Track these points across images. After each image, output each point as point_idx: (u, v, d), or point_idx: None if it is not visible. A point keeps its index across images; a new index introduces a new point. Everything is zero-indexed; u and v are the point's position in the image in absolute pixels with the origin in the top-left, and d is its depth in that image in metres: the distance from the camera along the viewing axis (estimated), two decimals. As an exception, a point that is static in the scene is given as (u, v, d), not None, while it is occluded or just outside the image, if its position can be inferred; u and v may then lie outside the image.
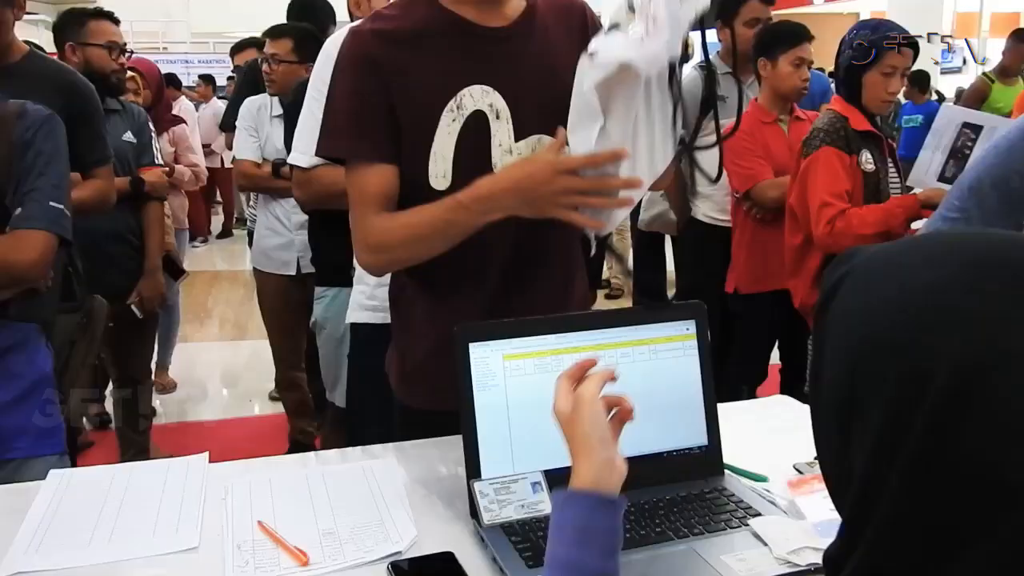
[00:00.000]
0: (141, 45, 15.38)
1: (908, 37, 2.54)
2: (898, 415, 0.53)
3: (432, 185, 1.38)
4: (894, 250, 0.61)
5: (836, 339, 0.61)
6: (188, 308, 6.21)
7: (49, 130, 1.68)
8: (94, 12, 3.02)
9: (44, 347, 1.73)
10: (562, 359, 1.24)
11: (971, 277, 0.54)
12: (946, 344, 0.52)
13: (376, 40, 1.36)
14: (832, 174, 2.50)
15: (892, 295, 0.57)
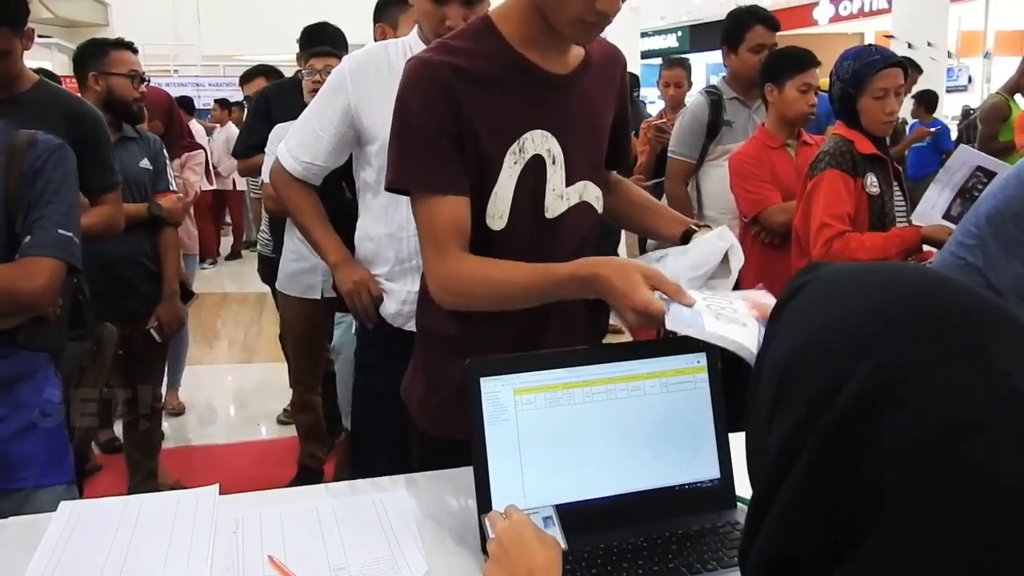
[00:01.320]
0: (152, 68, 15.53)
1: (891, 57, 2.55)
2: (811, 409, 0.59)
3: (488, 225, 1.40)
4: (853, 270, 0.66)
5: (780, 341, 0.66)
6: (197, 330, 6.23)
7: (59, 159, 1.70)
8: (115, 42, 3.07)
9: (52, 375, 1.73)
10: (573, 393, 1.24)
11: (905, 305, 0.59)
12: (861, 365, 0.57)
13: (451, 73, 1.34)
14: (835, 195, 2.50)
15: (832, 307, 0.63)
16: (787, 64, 2.98)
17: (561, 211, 1.45)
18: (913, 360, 0.56)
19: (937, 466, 0.54)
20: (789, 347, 0.64)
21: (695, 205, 3.54)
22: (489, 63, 1.37)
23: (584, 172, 1.47)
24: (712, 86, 3.55)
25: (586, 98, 1.47)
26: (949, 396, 0.55)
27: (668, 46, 19.58)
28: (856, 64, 2.54)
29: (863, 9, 15.40)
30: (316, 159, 2.07)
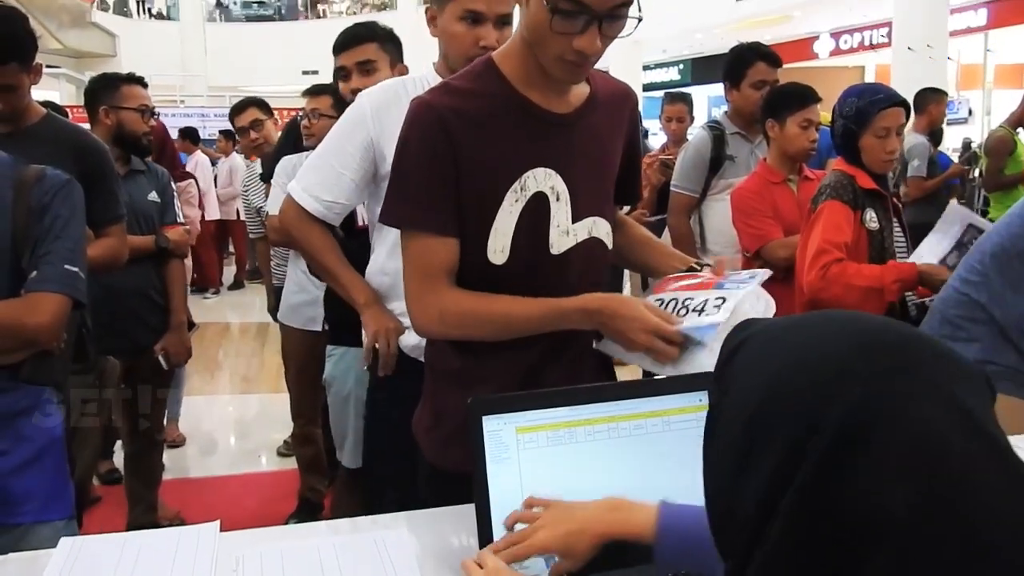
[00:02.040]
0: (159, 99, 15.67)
1: (895, 97, 2.56)
2: (789, 458, 0.59)
3: (490, 259, 1.43)
4: (792, 322, 0.69)
5: (735, 397, 0.66)
6: (198, 360, 6.21)
7: (67, 194, 1.71)
8: (127, 77, 3.11)
9: (55, 410, 1.73)
10: (575, 432, 1.24)
11: (859, 351, 0.62)
12: (836, 402, 0.59)
13: (450, 115, 1.37)
14: (834, 225, 2.50)
15: (787, 359, 0.64)
16: (788, 100, 3.00)
17: (567, 247, 1.47)
18: (881, 395, 0.59)
19: (922, 494, 0.56)
20: (750, 400, 0.64)
21: (698, 239, 3.56)
22: (490, 103, 1.40)
23: (592, 208, 1.49)
24: (714, 121, 3.58)
25: (592, 135, 1.48)
26: (923, 430, 0.57)
27: (670, 79, 19.74)
28: (860, 102, 2.55)
29: (863, 43, 15.51)
30: (338, 197, 1.98)
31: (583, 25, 1.29)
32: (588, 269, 1.51)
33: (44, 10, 17.01)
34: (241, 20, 23.62)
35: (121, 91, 3.03)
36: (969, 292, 2.11)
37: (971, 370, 0.63)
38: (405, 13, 19.79)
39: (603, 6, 1.27)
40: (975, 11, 13.27)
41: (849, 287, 2.42)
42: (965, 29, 13.31)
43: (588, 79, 1.50)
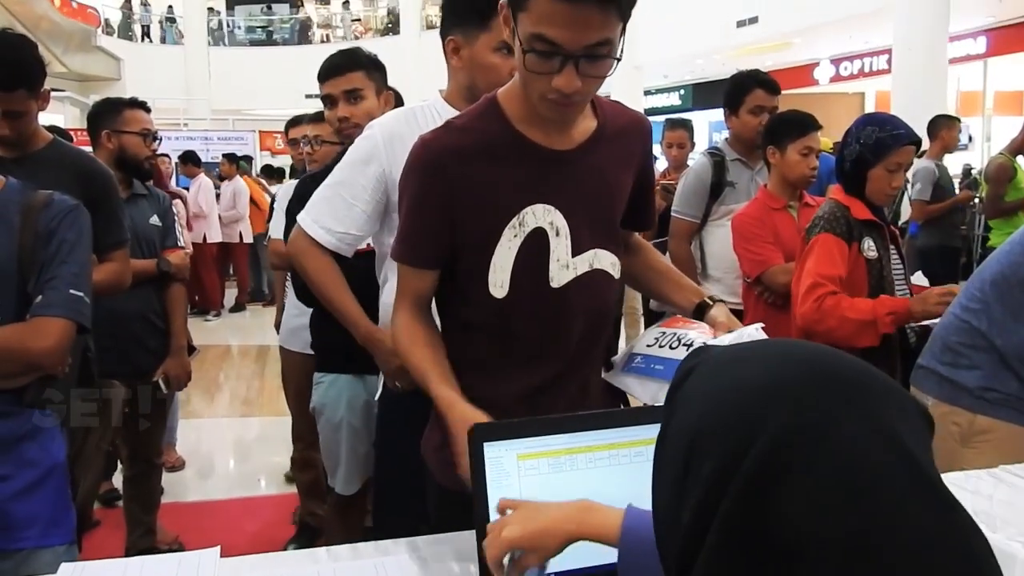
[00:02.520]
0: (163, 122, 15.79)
1: (913, 135, 2.58)
2: (720, 478, 0.61)
3: (491, 292, 1.46)
4: (740, 349, 0.72)
5: (680, 417, 0.69)
6: (199, 383, 6.23)
7: (74, 219, 1.72)
8: (129, 102, 3.13)
9: (59, 434, 1.74)
10: (576, 459, 1.24)
11: (798, 375, 0.64)
12: (764, 427, 0.61)
13: (448, 155, 1.42)
14: (828, 258, 2.50)
15: (729, 383, 0.66)
16: (789, 128, 3.02)
17: (567, 280, 1.48)
18: (811, 421, 0.60)
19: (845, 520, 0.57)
20: (692, 420, 0.67)
21: (698, 264, 3.57)
22: (489, 140, 1.43)
23: (594, 241, 1.51)
24: (715, 147, 3.60)
25: (596, 169, 1.50)
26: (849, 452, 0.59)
27: (671, 104, 19.85)
28: (881, 133, 2.54)
29: (863, 70, 15.61)
30: (350, 229, 1.96)
31: (559, 64, 1.29)
32: (591, 300, 1.53)
33: (50, 34, 17.17)
34: (245, 44, 23.79)
35: (123, 115, 3.05)
36: (970, 319, 2.12)
37: (907, 401, 0.65)
38: (408, 38, 19.97)
39: (578, 45, 1.27)
40: (974, 39, 13.37)
41: (843, 320, 2.42)
42: (964, 56, 13.40)
43: (597, 111, 1.51)
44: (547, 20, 1.25)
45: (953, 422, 2.10)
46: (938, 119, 6.53)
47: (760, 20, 13.04)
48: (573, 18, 1.24)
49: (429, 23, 20.75)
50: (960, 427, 2.10)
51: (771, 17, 12.77)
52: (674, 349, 1.57)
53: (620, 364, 1.68)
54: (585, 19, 1.25)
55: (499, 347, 1.51)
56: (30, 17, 16.85)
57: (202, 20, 21.94)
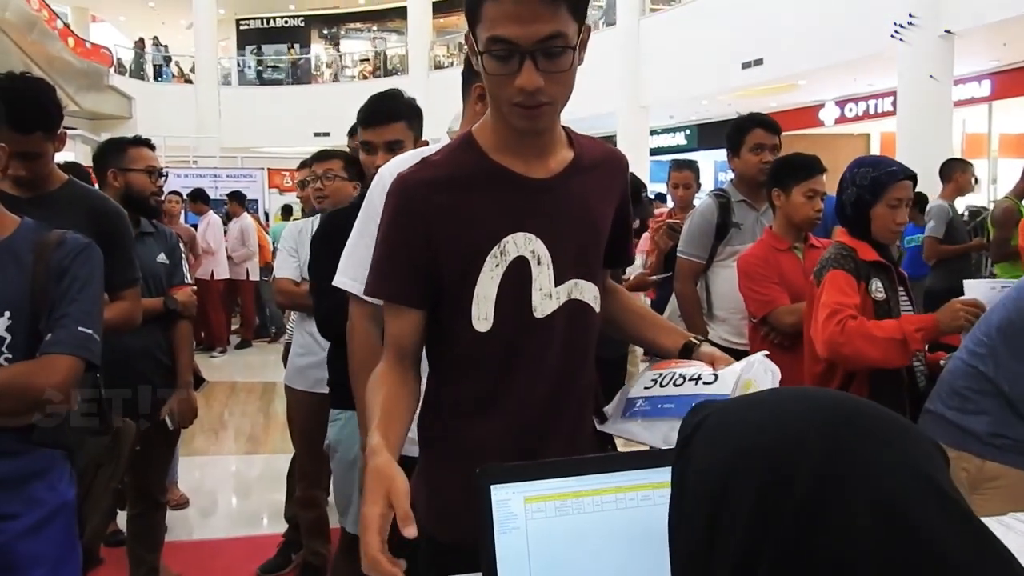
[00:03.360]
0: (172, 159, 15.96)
1: (908, 170, 2.60)
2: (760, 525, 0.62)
3: (475, 327, 1.45)
4: (748, 399, 0.72)
5: (700, 467, 0.69)
6: (204, 420, 6.20)
7: (86, 258, 1.74)
8: (133, 140, 3.16)
9: (67, 474, 1.74)
10: (582, 502, 1.24)
11: (822, 418, 0.65)
12: (801, 466, 0.62)
13: (425, 190, 1.42)
14: (841, 290, 2.49)
15: (752, 430, 0.67)
16: (794, 170, 3.05)
17: (551, 310, 1.47)
18: (845, 461, 0.62)
19: (889, 555, 0.59)
20: (716, 469, 0.67)
21: (704, 304, 3.58)
22: (466, 173, 1.44)
23: (577, 271, 1.50)
24: (720, 189, 3.64)
25: (575, 198, 1.49)
26: (886, 490, 0.61)
27: (676, 144, 19.97)
28: (875, 172, 2.57)
29: (868, 112, 15.71)
30: None
31: (518, 64, 1.31)
32: (574, 333, 1.52)
33: (63, 74, 17.41)
34: (255, 83, 24.09)
35: (128, 153, 3.08)
36: (977, 364, 2.12)
37: (923, 437, 0.67)
38: (416, 79, 20.18)
39: (530, 40, 1.30)
40: (979, 82, 13.46)
41: (871, 339, 2.37)
42: (969, 99, 13.49)
43: (573, 143, 1.52)
44: (499, 20, 1.30)
45: (962, 468, 2.09)
46: (952, 162, 6.60)
47: (765, 62, 13.16)
48: (520, 13, 1.29)
49: (436, 64, 21.01)
50: (969, 473, 2.09)
51: (776, 59, 12.90)
52: (679, 386, 1.52)
53: (617, 412, 1.62)
54: (532, 13, 1.29)
55: (484, 385, 1.49)
56: (44, 57, 17.12)
57: (213, 60, 22.24)
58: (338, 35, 26.68)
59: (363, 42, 26.48)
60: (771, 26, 12.75)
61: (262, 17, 25.89)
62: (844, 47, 11.51)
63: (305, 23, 26.13)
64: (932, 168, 6.74)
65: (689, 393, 1.49)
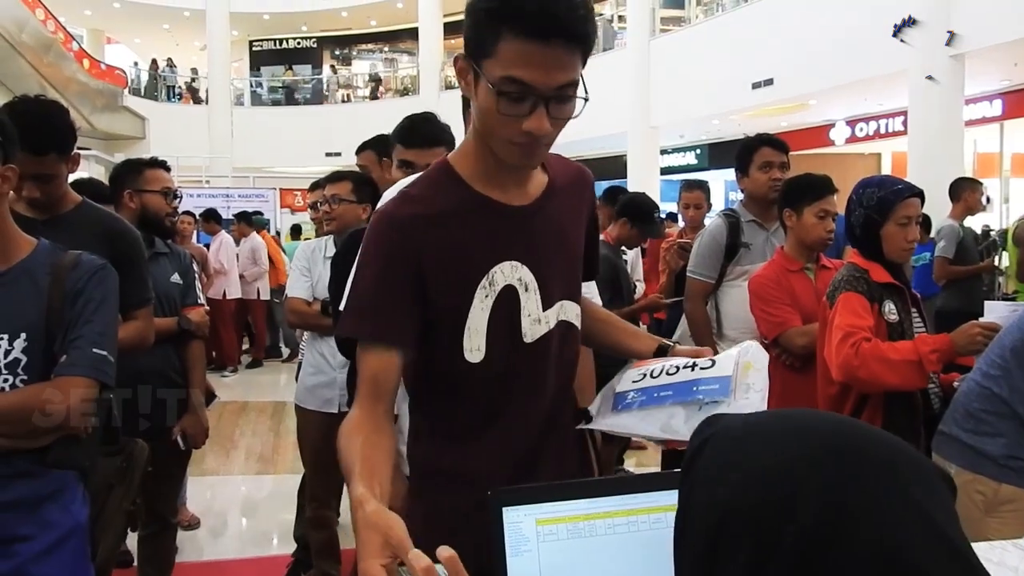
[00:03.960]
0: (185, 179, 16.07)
1: (914, 187, 2.60)
2: (758, 561, 0.62)
3: (467, 358, 1.43)
4: (754, 419, 0.72)
5: (703, 491, 0.69)
6: (215, 440, 6.20)
7: (101, 279, 1.76)
8: (150, 162, 3.19)
9: (80, 495, 1.74)
10: (595, 524, 1.23)
11: (823, 453, 0.64)
12: (799, 507, 0.62)
13: (409, 223, 1.39)
14: (854, 313, 2.48)
15: (752, 461, 0.67)
16: (805, 191, 3.05)
17: (540, 335, 1.48)
18: (843, 501, 0.62)
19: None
20: (718, 497, 0.67)
21: (714, 324, 3.58)
22: (448, 205, 1.42)
23: (561, 293, 1.51)
24: (730, 209, 3.65)
25: (554, 223, 1.50)
26: (885, 532, 0.60)
27: (687, 163, 19.99)
28: (881, 191, 2.57)
29: (879, 131, 15.69)
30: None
31: (530, 107, 1.30)
32: (562, 352, 1.53)
33: (78, 95, 17.62)
34: (267, 104, 24.28)
35: (144, 175, 3.11)
36: (991, 386, 2.11)
37: (929, 470, 0.66)
38: (427, 99, 20.30)
39: (548, 86, 1.28)
40: (990, 102, 13.44)
41: (886, 361, 2.36)
42: (981, 119, 13.47)
43: (544, 166, 1.52)
44: (518, 62, 1.27)
45: (977, 491, 2.08)
46: (961, 181, 6.58)
47: (775, 82, 13.18)
48: (544, 58, 1.27)
49: (448, 84, 21.13)
50: (984, 496, 2.07)
51: (786, 79, 12.91)
52: (673, 375, 1.49)
53: (605, 408, 1.59)
54: (556, 59, 1.27)
55: (480, 412, 1.48)
56: (60, 79, 17.33)
57: (226, 81, 22.45)
58: (350, 56, 26.89)
59: (375, 63, 26.68)
60: (781, 46, 12.77)
61: (275, 38, 26.12)
62: (854, 67, 11.51)
63: (317, 44, 26.34)
64: (944, 187, 6.74)
65: (687, 379, 1.48)
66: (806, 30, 12.26)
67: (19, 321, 1.66)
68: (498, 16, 1.27)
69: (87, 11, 22.38)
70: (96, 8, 22.17)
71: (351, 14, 23.70)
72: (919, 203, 2.60)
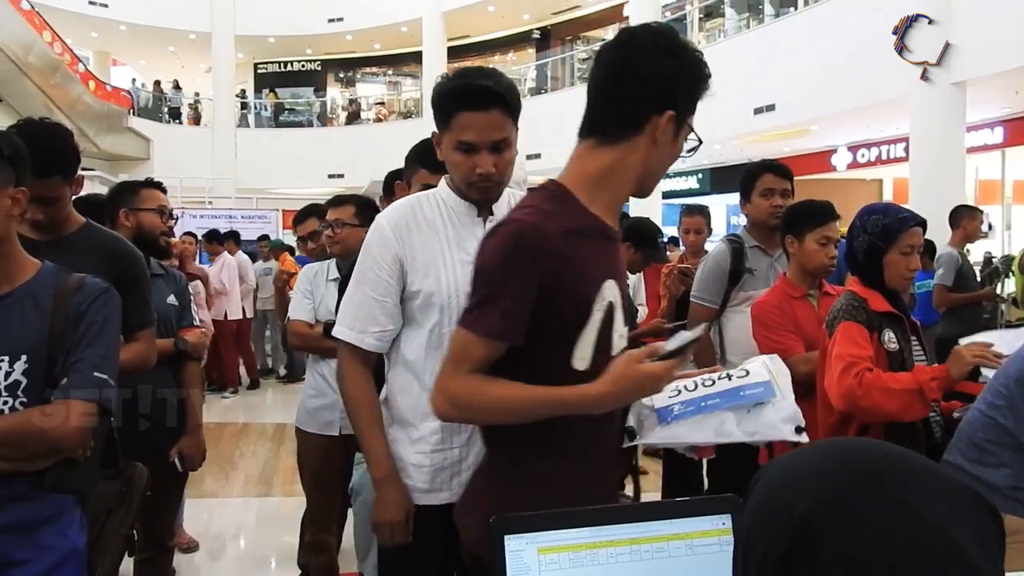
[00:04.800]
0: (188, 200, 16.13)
1: (918, 216, 2.60)
2: (764, 559, 0.70)
3: (574, 366, 1.56)
4: (799, 452, 0.79)
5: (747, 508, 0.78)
6: (214, 461, 6.20)
7: (104, 302, 1.76)
8: (145, 182, 3.21)
9: (78, 520, 1.73)
10: (597, 553, 1.22)
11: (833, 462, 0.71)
12: (796, 505, 0.69)
13: (549, 237, 1.52)
14: (854, 342, 2.48)
15: (777, 478, 0.75)
16: (806, 217, 3.05)
17: (621, 348, 1.61)
18: (838, 499, 0.68)
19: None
20: (748, 510, 0.77)
21: (717, 350, 3.56)
22: (576, 225, 1.56)
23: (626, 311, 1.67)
24: (734, 234, 3.65)
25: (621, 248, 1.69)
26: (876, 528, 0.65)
27: (688, 188, 20.03)
28: (886, 219, 2.57)
29: (880, 157, 15.72)
30: (388, 325, 2.00)
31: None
32: None
33: (83, 116, 17.71)
34: (270, 126, 24.40)
35: (140, 194, 3.11)
36: (995, 416, 2.10)
37: (950, 485, 0.70)
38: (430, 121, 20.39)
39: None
40: (991, 129, 13.48)
41: (889, 391, 2.36)
42: (982, 146, 13.50)
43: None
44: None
45: (982, 521, 2.06)
46: (960, 209, 6.60)
47: (777, 108, 13.23)
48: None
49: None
50: (989, 526, 2.05)
51: (788, 105, 12.96)
52: (710, 387, 1.72)
53: (650, 424, 1.75)
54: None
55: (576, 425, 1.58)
56: (65, 100, 17.43)
57: (230, 102, 22.57)
58: (354, 79, 27.04)
59: (378, 86, 26.82)
60: (782, 72, 12.84)
61: (280, 61, 26.28)
62: (856, 93, 11.56)
63: (322, 67, 26.49)
64: (946, 214, 6.75)
65: (729, 388, 1.70)
66: (807, 56, 12.32)
67: (20, 343, 1.66)
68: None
69: (94, 33, 22.55)
70: (103, 30, 22.33)
71: (355, 37, 23.85)
72: (922, 232, 2.60)
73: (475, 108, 1.85)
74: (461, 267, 1.91)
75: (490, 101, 1.86)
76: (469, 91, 1.86)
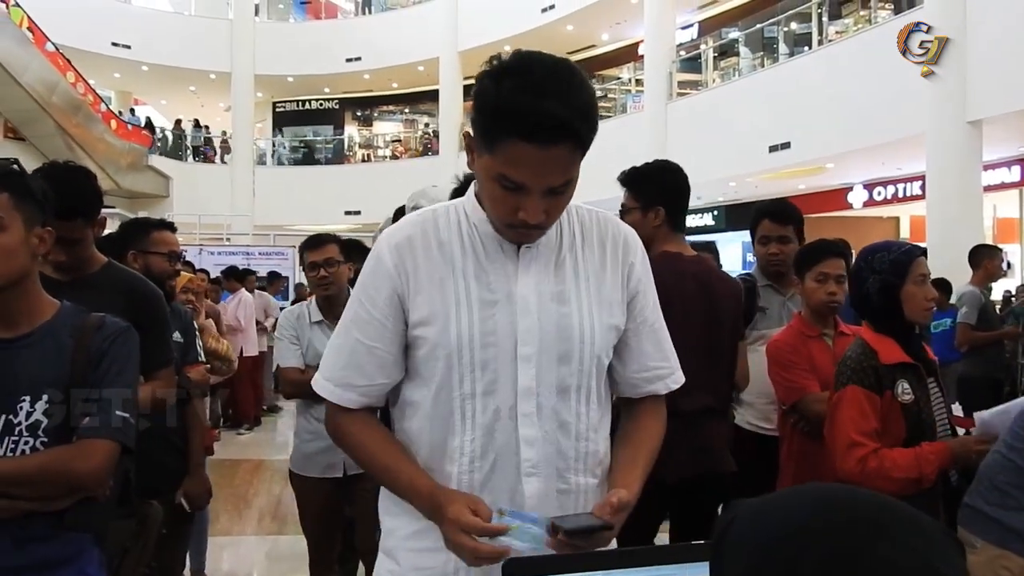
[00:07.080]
0: (206, 236, 16.26)
1: (921, 247, 2.60)
2: None
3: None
4: (772, 497, 0.79)
5: (728, 565, 0.76)
6: (228, 499, 6.20)
7: (124, 341, 1.78)
8: (157, 223, 3.23)
9: (97, 559, 1.74)
10: (610, 598, 1.22)
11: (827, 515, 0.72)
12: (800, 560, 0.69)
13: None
14: (859, 413, 2.41)
15: (770, 530, 0.74)
16: (804, 257, 3.08)
17: None
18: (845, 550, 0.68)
19: None
20: (739, 570, 0.74)
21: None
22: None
23: None
24: (747, 273, 3.66)
25: None
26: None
27: (704, 224, 20.05)
28: (892, 254, 2.52)
29: (897, 195, 15.68)
30: (376, 378, 1.54)
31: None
32: None
33: (104, 154, 17.96)
34: (289, 164, 24.67)
35: (151, 236, 3.12)
36: (1015, 459, 2.08)
37: (933, 529, 0.71)
38: (447, 159, 20.57)
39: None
40: (1008, 168, 13.45)
41: (890, 480, 2.32)
42: (1000, 185, 13.46)
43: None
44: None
45: (1004, 567, 2.03)
46: (980, 248, 6.60)
47: (792, 145, 13.27)
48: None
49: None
50: (1011, 573, 2.03)
51: (803, 143, 12.99)
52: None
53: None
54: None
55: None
56: (87, 139, 17.70)
57: (249, 141, 22.88)
58: (371, 117, 27.35)
59: (395, 124, 27.11)
60: (798, 109, 12.89)
61: (298, 100, 26.63)
62: (872, 131, 11.58)
63: (340, 105, 26.82)
64: (963, 252, 6.73)
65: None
66: (823, 94, 12.38)
67: (41, 383, 1.68)
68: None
69: (116, 74, 22.96)
70: (125, 71, 22.74)
71: (373, 76, 24.16)
72: (925, 260, 2.59)
73: (535, 141, 1.30)
74: (480, 310, 1.46)
75: (559, 136, 1.32)
76: (531, 121, 1.30)
